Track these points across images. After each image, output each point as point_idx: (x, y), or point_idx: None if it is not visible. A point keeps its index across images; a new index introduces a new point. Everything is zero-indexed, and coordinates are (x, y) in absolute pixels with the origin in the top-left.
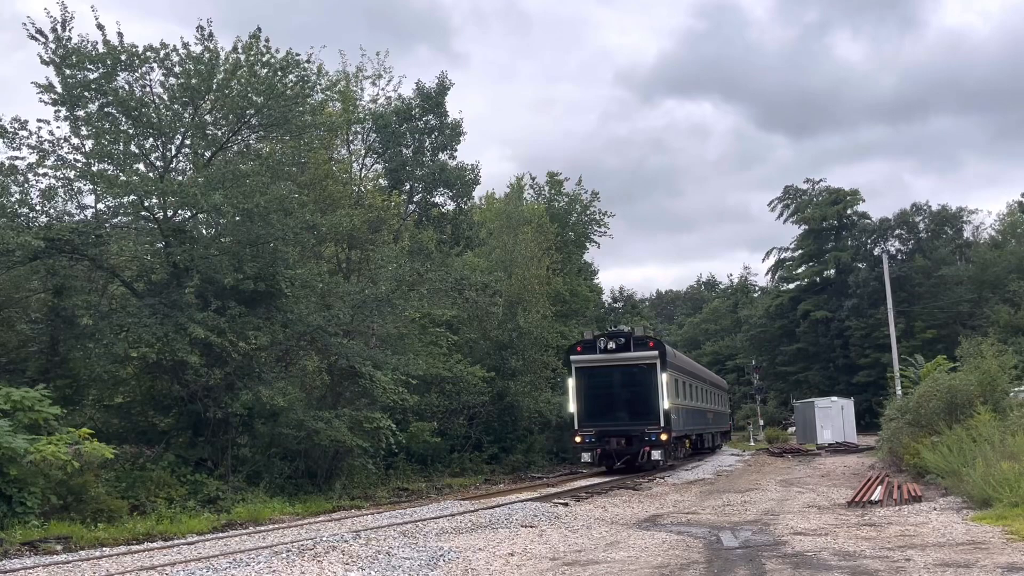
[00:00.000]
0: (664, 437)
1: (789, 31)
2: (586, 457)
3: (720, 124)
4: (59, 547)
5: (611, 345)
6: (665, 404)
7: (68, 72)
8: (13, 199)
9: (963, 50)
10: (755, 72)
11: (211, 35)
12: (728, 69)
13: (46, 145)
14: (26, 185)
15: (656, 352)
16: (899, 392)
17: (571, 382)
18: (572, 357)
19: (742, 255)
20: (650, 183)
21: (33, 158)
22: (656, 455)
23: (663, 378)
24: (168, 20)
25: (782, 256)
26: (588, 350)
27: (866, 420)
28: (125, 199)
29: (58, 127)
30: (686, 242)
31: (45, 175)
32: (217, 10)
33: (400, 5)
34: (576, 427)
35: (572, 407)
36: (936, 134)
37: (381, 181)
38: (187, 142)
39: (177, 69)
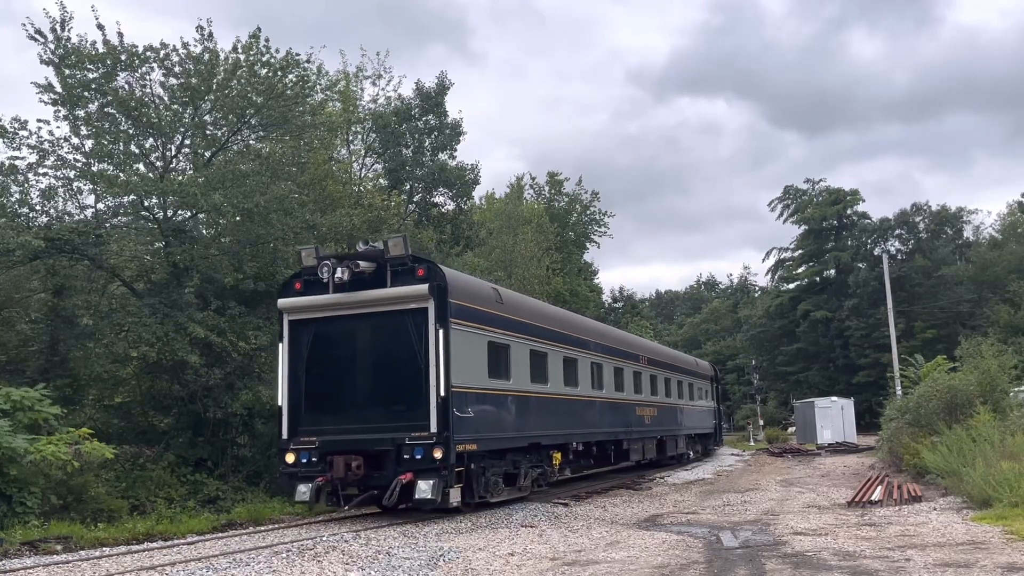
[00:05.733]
0: (439, 454)
1: (806, 27)
2: (303, 492)
3: (733, 122)
4: (59, 547)
5: (346, 275)
6: (441, 389)
7: (68, 72)
8: (13, 199)
9: (978, 47)
10: (770, 69)
11: (211, 35)
12: (743, 66)
13: (46, 145)
14: (26, 185)
15: (426, 286)
16: (899, 392)
17: (281, 349)
18: (284, 301)
19: (751, 255)
20: (661, 182)
21: (33, 158)
22: (424, 488)
23: (439, 336)
24: (182, 18)
25: (782, 256)
26: (311, 288)
27: (866, 420)
28: (125, 199)
29: (58, 127)
30: (695, 242)
31: (45, 175)
32: (229, 8)
33: (415, 3)
34: (285, 435)
35: (280, 397)
36: (949, 132)
37: (381, 181)
38: (187, 142)
39: (177, 69)
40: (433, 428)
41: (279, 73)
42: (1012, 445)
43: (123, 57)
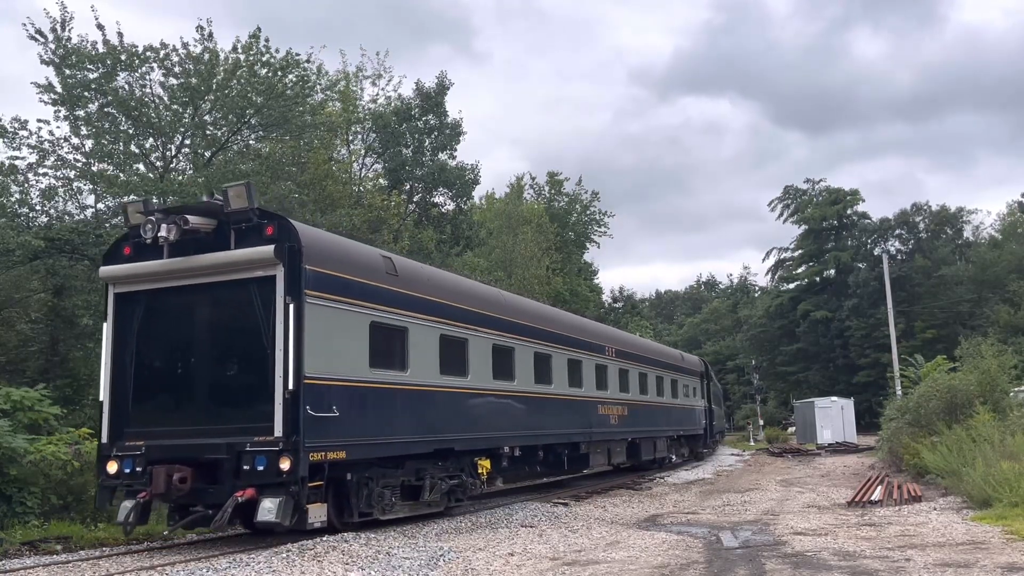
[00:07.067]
0: (286, 464)
1: (810, 26)
2: (126, 511)
3: (736, 121)
4: (59, 547)
5: (172, 233)
6: (289, 381)
7: (68, 72)
8: (13, 199)
9: (982, 47)
10: (774, 68)
11: (211, 35)
12: (746, 65)
13: (46, 145)
14: (26, 185)
15: (272, 248)
16: (899, 392)
17: (105, 329)
18: (107, 269)
19: (752, 255)
20: (664, 182)
21: (33, 158)
22: (268, 508)
23: (288, 312)
24: (184, 18)
25: (782, 256)
26: (142, 252)
27: (866, 420)
28: (125, 199)
29: (58, 127)
30: (696, 241)
31: (45, 175)
32: (233, 6)
33: (419, 3)
34: (105, 438)
35: (102, 390)
36: (952, 132)
37: (381, 181)
38: (187, 142)
39: (177, 69)
40: (278, 431)
41: (279, 73)
42: (1012, 445)
43: (123, 57)
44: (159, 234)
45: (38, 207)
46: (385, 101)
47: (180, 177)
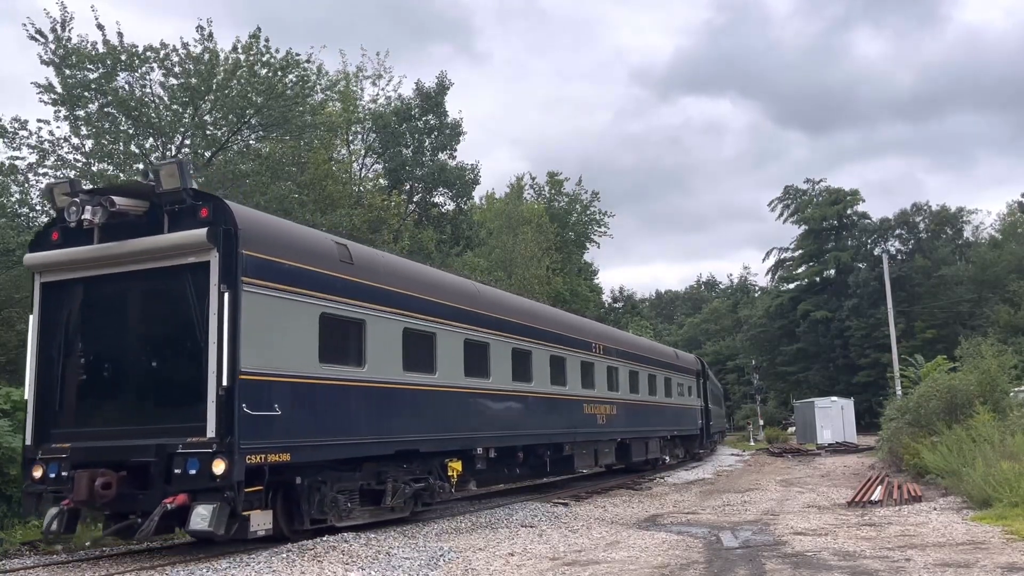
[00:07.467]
0: (220, 467)
1: (811, 26)
2: (50, 518)
3: (737, 121)
4: (59, 547)
5: (98, 216)
6: (223, 376)
7: (68, 72)
8: (13, 199)
9: (983, 47)
10: (775, 68)
11: (211, 35)
12: (747, 65)
13: (46, 145)
14: (26, 185)
15: (205, 231)
16: (899, 392)
17: (32, 322)
18: (32, 256)
19: (752, 254)
20: (664, 182)
21: (33, 158)
22: (201, 515)
23: (223, 301)
24: (185, 18)
25: (782, 256)
26: (72, 238)
27: (866, 420)
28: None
29: (58, 127)
30: (697, 241)
31: (45, 175)
32: (233, 6)
33: (421, 3)
34: (30, 439)
35: (27, 388)
36: (953, 132)
37: (381, 181)
38: (187, 142)
39: (177, 69)
40: (211, 432)
41: (279, 73)
42: (1012, 445)
43: (123, 57)
44: (83, 216)
45: (38, 207)
46: (385, 101)
47: None
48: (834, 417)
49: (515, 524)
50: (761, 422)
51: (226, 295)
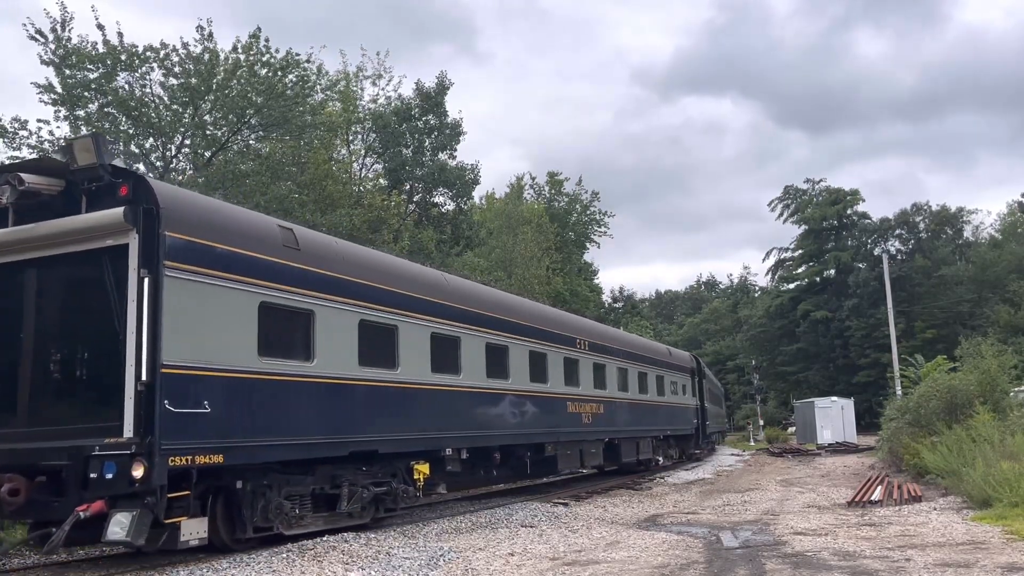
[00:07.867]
0: (139, 471)
1: (811, 26)
2: None
3: (738, 121)
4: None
5: (6, 195)
6: (143, 370)
7: (68, 72)
8: None
9: (983, 46)
10: (775, 68)
11: (211, 35)
12: (748, 65)
13: (46, 145)
14: None
15: (123, 211)
16: (899, 392)
17: None
18: None
19: (752, 254)
20: (664, 182)
21: (33, 158)
22: (119, 524)
23: (143, 287)
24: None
25: (782, 256)
26: None
27: (866, 420)
28: None
29: (58, 127)
30: (697, 241)
31: None
32: (233, 6)
33: (422, 3)
34: None
35: None
36: (953, 132)
37: (381, 181)
38: (187, 142)
39: (177, 69)
40: (129, 432)
41: (279, 73)
42: (1012, 445)
43: (123, 57)
44: (9, 201)
45: None
46: (385, 101)
47: (180, 177)
48: (834, 417)
49: (515, 524)
50: (761, 422)
51: (146, 280)
